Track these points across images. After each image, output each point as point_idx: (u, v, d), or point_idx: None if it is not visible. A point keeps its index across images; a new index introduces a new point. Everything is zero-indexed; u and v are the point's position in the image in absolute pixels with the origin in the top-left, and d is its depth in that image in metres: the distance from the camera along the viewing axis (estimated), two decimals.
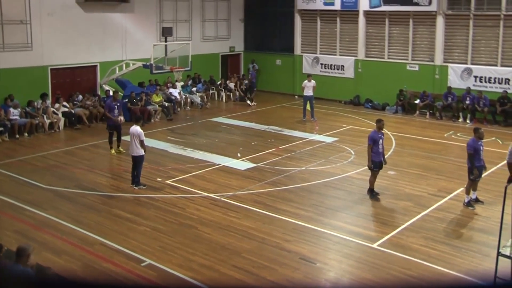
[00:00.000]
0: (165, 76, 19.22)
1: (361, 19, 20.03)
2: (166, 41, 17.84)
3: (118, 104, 13.42)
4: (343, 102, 20.51)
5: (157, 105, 17.50)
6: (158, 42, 18.74)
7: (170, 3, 20.38)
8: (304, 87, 17.26)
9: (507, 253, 6.52)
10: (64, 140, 15.11)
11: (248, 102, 20.05)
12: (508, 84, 17.25)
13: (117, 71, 17.73)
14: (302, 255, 8.10)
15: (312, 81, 17.35)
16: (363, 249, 8.35)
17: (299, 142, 14.75)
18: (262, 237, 8.71)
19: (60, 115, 16.00)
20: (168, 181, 11.37)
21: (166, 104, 17.91)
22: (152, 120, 17.15)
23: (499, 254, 6.53)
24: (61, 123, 15.96)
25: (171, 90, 18.99)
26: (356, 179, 11.53)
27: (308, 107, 17.28)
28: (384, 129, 10.60)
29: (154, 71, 16.85)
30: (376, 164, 10.21)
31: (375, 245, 8.42)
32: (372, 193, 10.42)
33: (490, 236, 8.45)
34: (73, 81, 17.70)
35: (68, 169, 12.32)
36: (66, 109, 16.27)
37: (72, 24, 17.28)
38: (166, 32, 18.28)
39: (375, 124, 10.53)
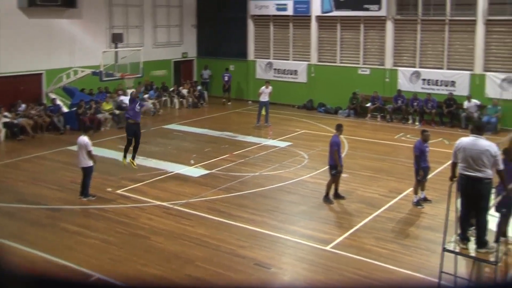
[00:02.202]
0: (116, 84, 18.75)
1: (313, 24, 20.31)
2: (116, 48, 17.42)
3: (139, 103, 12.23)
4: (296, 106, 20.67)
5: (107, 113, 17.04)
6: (108, 48, 18.27)
7: (121, 9, 19.95)
8: (262, 93, 17.24)
9: (451, 248, 6.70)
10: (5, 152, 14.40)
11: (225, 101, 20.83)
12: (454, 86, 17.90)
13: (64, 79, 17.13)
14: (257, 261, 8.03)
15: (270, 87, 17.39)
16: (316, 252, 8.38)
17: (253, 147, 14.71)
18: (216, 244, 8.58)
19: (0, 126, 15.25)
20: (119, 191, 11.03)
21: (117, 112, 17.47)
22: (102, 129, 16.67)
23: (444, 249, 6.70)
24: (2, 134, 15.20)
25: (122, 97, 18.54)
26: (309, 183, 11.60)
27: (263, 111, 17.31)
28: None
29: (104, 79, 16.42)
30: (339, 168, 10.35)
31: (328, 248, 8.47)
32: (327, 197, 10.47)
33: (437, 233, 8.65)
34: (16, 89, 16.90)
35: (9, 182, 11.71)
36: (8, 120, 15.53)
37: (14, 30, 16.56)
38: (117, 39, 17.87)
39: (335, 129, 10.61)
